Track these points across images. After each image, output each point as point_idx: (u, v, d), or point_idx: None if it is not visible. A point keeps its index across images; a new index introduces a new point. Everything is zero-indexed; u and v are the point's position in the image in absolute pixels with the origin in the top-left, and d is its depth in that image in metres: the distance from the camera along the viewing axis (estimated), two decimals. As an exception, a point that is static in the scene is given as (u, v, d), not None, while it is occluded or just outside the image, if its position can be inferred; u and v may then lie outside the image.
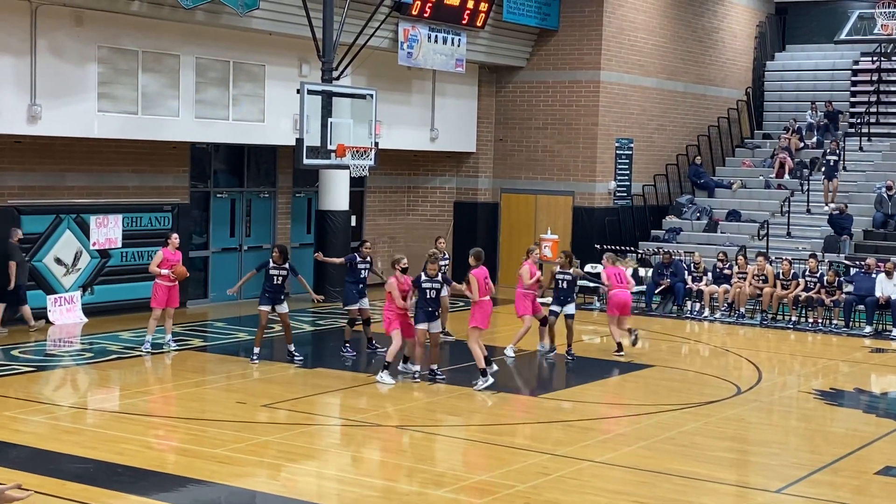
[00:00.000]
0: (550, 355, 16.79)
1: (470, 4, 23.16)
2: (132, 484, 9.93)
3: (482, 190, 25.94)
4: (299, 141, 16.66)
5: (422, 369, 14.77)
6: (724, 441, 12.23)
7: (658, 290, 22.23)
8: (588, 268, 22.52)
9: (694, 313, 21.77)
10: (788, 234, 24.37)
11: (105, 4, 17.32)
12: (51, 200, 18.61)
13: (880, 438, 12.50)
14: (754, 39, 30.75)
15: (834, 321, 20.66)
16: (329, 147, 16.92)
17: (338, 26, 18.18)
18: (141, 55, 18.51)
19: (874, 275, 20.48)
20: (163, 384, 14.72)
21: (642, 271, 23.33)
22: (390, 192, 25.65)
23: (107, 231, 19.21)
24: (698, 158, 27.36)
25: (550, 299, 16.95)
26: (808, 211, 25.01)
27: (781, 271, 21.22)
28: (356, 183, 23.00)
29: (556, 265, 17.29)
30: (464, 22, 23.20)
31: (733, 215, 25.78)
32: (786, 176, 26.73)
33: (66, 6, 17.13)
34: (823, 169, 25.37)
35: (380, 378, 14.44)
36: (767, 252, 22.68)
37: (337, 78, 18.18)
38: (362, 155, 17.32)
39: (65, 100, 17.55)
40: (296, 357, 15.73)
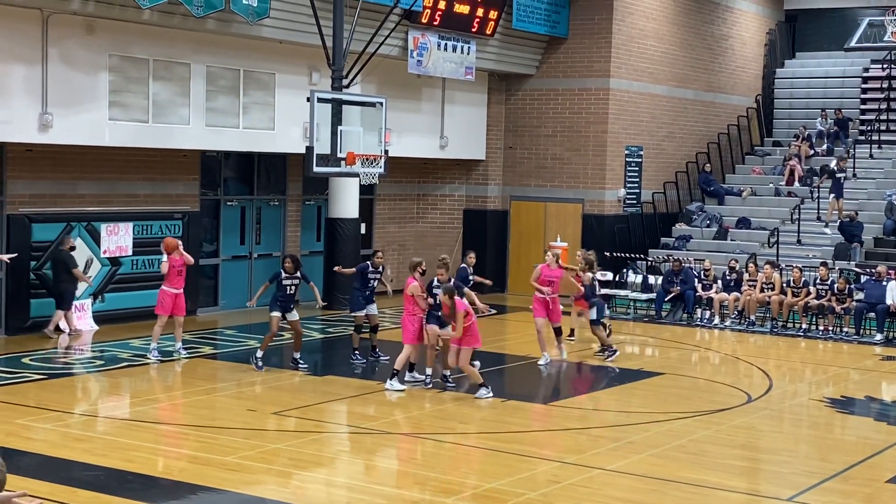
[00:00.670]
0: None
1: (479, 12, 23.18)
2: (143, 491, 9.95)
3: (492, 197, 25.95)
4: (309, 149, 16.67)
5: (433, 374, 14.78)
6: (735, 449, 12.21)
7: (668, 298, 22.20)
8: (598, 275, 22.45)
9: (704, 321, 21.74)
10: (799, 242, 24.31)
11: (116, 13, 17.38)
12: (62, 208, 18.67)
13: (891, 447, 12.46)
14: (764, 47, 30.73)
15: (844, 329, 20.61)
16: (339, 155, 16.92)
17: (348, 34, 18.19)
18: (152, 63, 18.57)
19: (885, 282, 20.41)
20: (173, 392, 14.75)
21: (652, 279, 23.31)
22: (400, 200, 25.67)
23: (117, 239, 19.24)
24: (708, 166, 27.34)
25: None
26: (819, 218, 24.94)
27: (792, 279, 21.19)
28: (366, 191, 23.03)
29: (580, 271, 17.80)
30: (473, 30, 23.23)
31: (743, 223, 25.75)
32: (796, 183, 26.69)
33: (78, 15, 17.20)
34: (831, 184, 25.04)
35: (389, 386, 14.45)
36: (778, 259, 22.64)
37: (347, 86, 18.19)
38: (372, 163, 17.33)
39: (76, 108, 17.61)
40: (300, 364, 15.72)
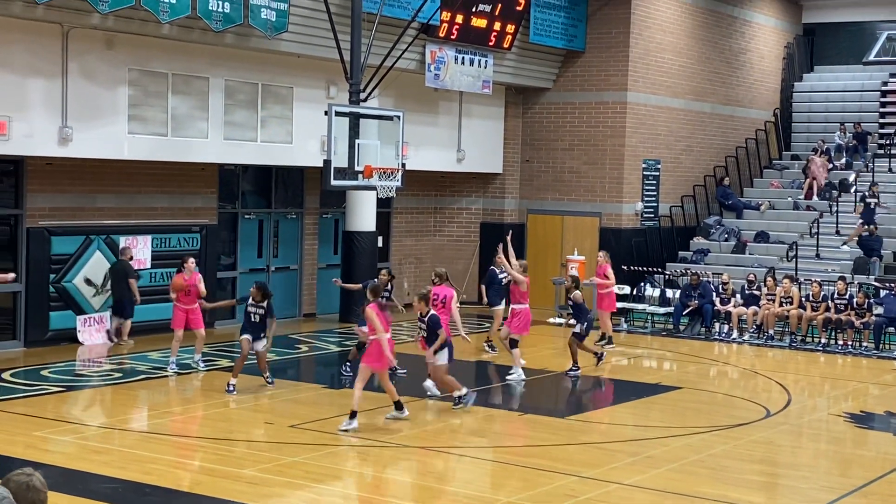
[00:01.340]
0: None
1: (497, 26, 23.22)
2: (160, 504, 9.98)
3: (509, 211, 25.95)
4: (327, 162, 16.72)
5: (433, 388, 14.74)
6: (754, 464, 12.15)
7: (686, 312, 22.13)
8: (615, 289, 22.42)
9: (722, 335, 21.66)
10: (817, 256, 24.22)
11: (136, 27, 17.48)
12: (81, 221, 18.76)
13: (912, 462, 12.39)
14: (782, 60, 30.67)
15: (864, 343, 20.51)
16: (356, 168, 16.97)
17: (365, 48, 18.26)
18: (171, 77, 18.67)
19: (904, 297, 20.33)
20: (191, 404, 14.78)
21: (669, 293, 23.25)
22: (417, 213, 25.69)
23: (136, 252, 19.31)
24: (726, 179, 27.28)
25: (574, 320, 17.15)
26: (838, 232, 24.83)
27: (811, 293, 21.09)
28: (383, 204, 23.05)
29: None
30: (490, 44, 23.27)
31: (761, 237, 25.66)
32: (814, 197, 26.60)
33: (98, 29, 17.30)
34: (863, 208, 24.60)
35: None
36: (796, 273, 22.54)
37: (364, 99, 18.25)
38: (389, 176, 17.37)
39: (95, 122, 17.71)
40: (268, 381, 15.33)
